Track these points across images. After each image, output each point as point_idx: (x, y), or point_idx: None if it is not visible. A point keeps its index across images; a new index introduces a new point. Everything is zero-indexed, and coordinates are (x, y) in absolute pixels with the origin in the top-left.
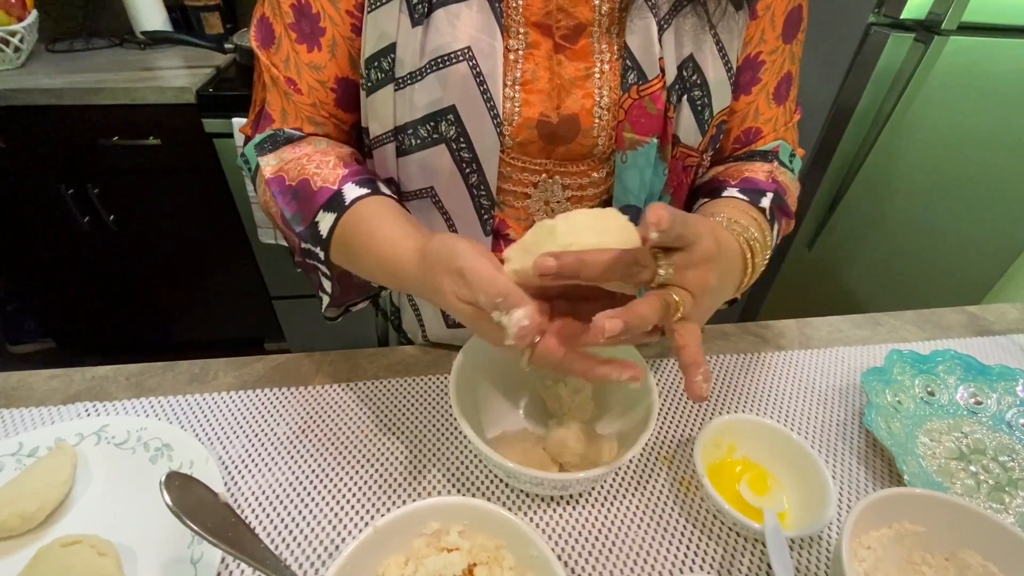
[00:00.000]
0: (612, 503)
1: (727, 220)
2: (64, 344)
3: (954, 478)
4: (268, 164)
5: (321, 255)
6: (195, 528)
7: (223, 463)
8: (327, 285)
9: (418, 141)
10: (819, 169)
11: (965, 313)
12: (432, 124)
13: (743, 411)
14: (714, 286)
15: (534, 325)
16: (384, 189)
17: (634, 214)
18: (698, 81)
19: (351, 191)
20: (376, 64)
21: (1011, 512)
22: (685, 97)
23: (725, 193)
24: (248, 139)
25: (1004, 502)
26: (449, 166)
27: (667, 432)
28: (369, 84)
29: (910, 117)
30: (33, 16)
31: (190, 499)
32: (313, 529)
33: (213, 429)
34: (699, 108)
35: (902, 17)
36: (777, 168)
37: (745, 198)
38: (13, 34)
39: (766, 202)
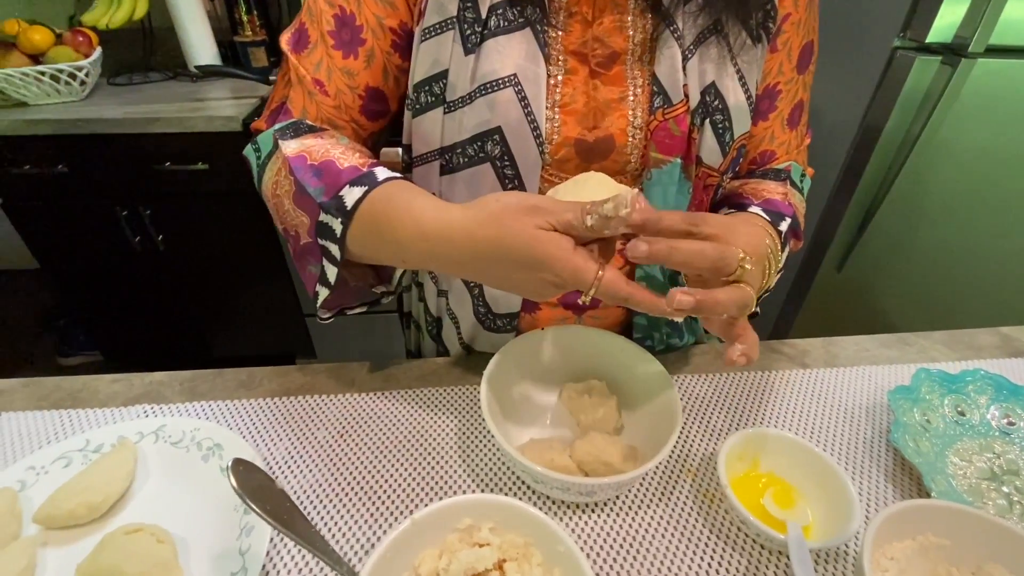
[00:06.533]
0: (637, 512)
1: None
2: (111, 357)
3: (985, 498)
4: (289, 146)
5: (339, 230)
6: (255, 509)
7: (267, 463)
8: (330, 274)
9: (465, 160)
10: (847, 191)
11: (998, 334)
12: (479, 144)
13: (769, 427)
14: (762, 252)
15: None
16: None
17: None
18: (719, 106)
19: (382, 172)
20: (427, 88)
21: None
22: (707, 121)
23: (751, 209)
24: (259, 133)
25: None
26: (492, 183)
27: (692, 447)
28: (418, 106)
29: (940, 138)
30: (98, 53)
31: (252, 483)
32: (350, 526)
33: (259, 431)
34: (720, 131)
35: (927, 41)
36: (790, 190)
37: (768, 218)
38: (80, 69)
39: (784, 226)
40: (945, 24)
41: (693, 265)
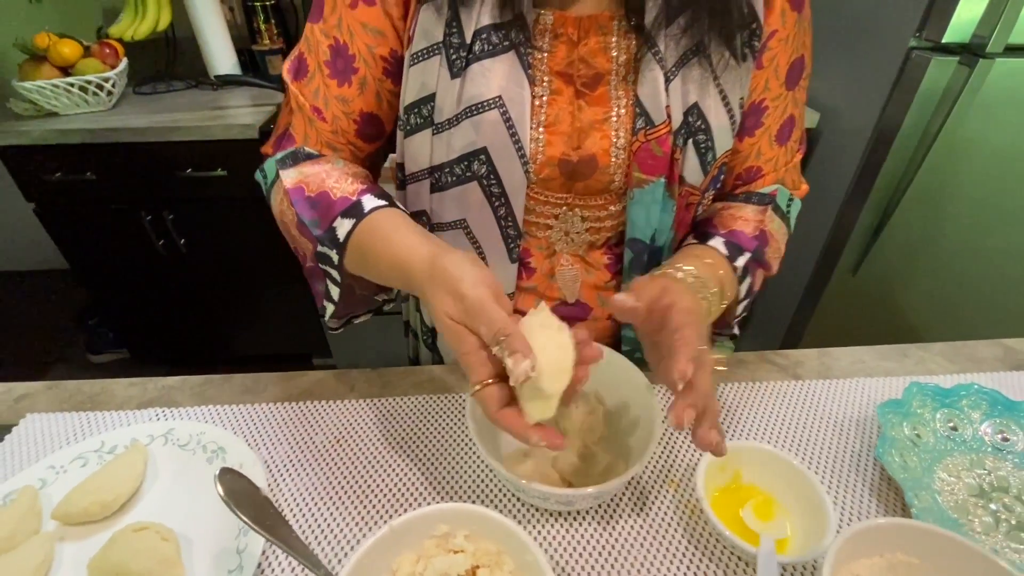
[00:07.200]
0: (617, 521)
1: (691, 277)
2: (137, 354)
3: (971, 515)
4: (288, 176)
5: (335, 259)
6: (240, 515)
7: (268, 465)
8: (334, 293)
9: (453, 178)
10: (862, 193)
11: (1001, 346)
12: (466, 163)
13: (754, 439)
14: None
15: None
16: (398, 204)
17: (639, 248)
18: (702, 126)
19: (369, 201)
20: (416, 110)
21: None
22: (690, 141)
23: (710, 242)
24: (267, 157)
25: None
26: (480, 200)
27: (676, 458)
28: (408, 127)
29: (957, 140)
30: (123, 64)
31: (238, 491)
32: (341, 529)
33: (261, 435)
34: (703, 151)
35: (944, 41)
36: (769, 216)
37: (725, 252)
38: (107, 80)
39: (742, 261)
40: (962, 23)
41: None
